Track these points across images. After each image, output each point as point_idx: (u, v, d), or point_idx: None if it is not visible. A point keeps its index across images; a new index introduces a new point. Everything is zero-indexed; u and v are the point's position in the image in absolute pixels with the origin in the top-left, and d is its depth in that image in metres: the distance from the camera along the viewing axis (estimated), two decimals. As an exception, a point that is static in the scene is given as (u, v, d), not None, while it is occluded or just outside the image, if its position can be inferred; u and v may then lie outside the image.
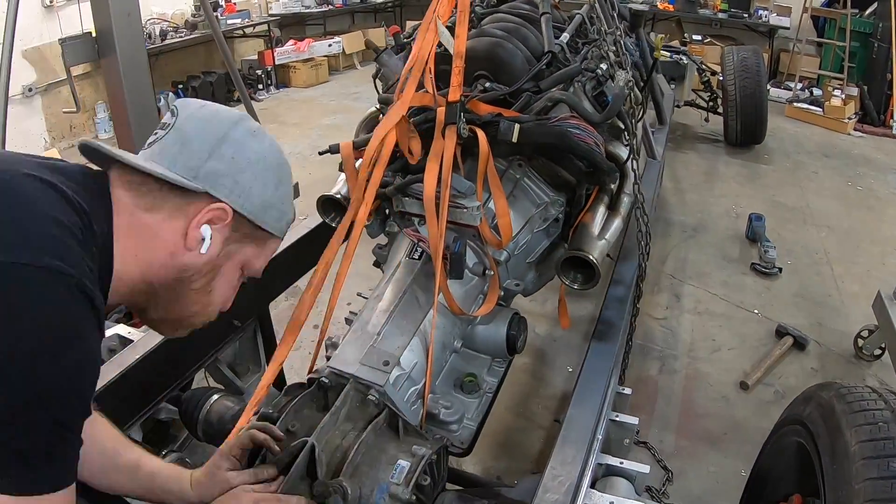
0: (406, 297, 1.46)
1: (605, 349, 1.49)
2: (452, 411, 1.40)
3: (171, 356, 1.52)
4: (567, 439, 1.21)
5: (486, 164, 1.48)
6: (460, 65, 1.49)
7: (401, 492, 1.09)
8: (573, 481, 1.10)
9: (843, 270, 3.58)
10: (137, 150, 0.90)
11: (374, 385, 1.27)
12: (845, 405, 1.10)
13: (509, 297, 1.76)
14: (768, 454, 1.46)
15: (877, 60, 6.24)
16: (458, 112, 1.45)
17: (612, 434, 1.38)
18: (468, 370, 1.54)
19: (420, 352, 1.39)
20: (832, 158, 5.25)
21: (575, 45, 1.89)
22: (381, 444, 1.19)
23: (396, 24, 9.93)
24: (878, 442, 0.99)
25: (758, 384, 2.65)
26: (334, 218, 1.82)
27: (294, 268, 1.96)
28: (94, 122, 5.97)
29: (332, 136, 5.97)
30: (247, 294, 1.70)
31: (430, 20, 1.54)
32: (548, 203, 1.69)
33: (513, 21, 1.93)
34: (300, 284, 3.32)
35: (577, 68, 1.68)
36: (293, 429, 1.18)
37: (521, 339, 1.56)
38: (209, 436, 1.34)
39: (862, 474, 0.95)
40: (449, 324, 1.49)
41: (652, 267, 3.48)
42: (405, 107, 1.45)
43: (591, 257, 1.52)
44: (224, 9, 6.92)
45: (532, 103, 1.62)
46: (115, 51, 2.51)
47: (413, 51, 1.54)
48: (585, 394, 1.34)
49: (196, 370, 1.65)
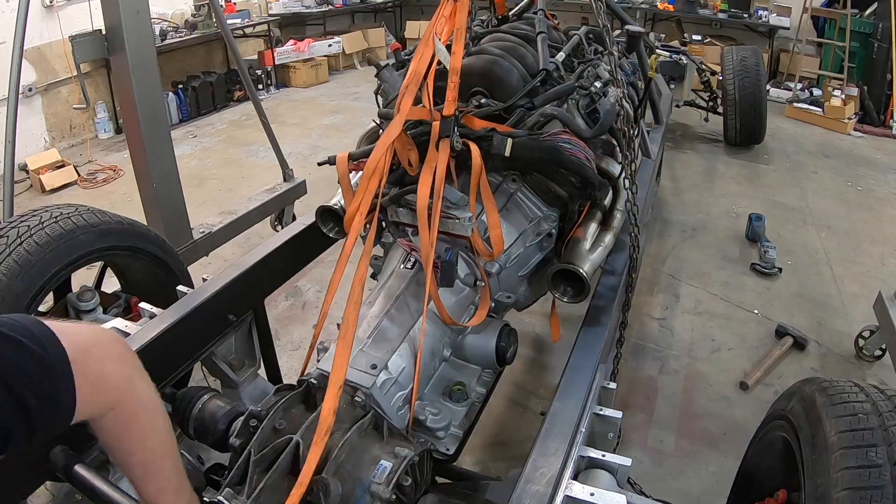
0: (397, 305, 1.49)
1: (592, 343, 1.50)
2: (439, 418, 1.42)
3: (167, 349, 1.55)
4: (550, 432, 1.22)
5: (478, 177, 1.51)
6: (456, 80, 1.53)
7: (381, 490, 1.11)
8: (555, 473, 1.12)
9: (843, 270, 3.58)
10: (146, 146, 0.91)
11: (361, 387, 1.29)
12: (826, 398, 1.12)
13: (501, 309, 1.79)
14: (755, 450, 1.47)
15: (877, 60, 6.24)
16: (452, 126, 1.50)
17: (597, 428, 1.39)
18: (457, 379, 1.56)
19: (409, 357, 1.42)
20: (832, 158, 5.25)
21: (571, 64, 1.93)
22: (365, 444, 1.21)
23: (396, 25, 9.93)
24: (857, 432, 1.00)
25: (758, 384, 2.65)
26: (332, 228, 1.88)
27: (289, 265, 2.01)
28: (94, 121, 5.97)
29: (332, 135, 5.99)
30: (243, 289, 1.77)
31: (429, 38, 1.59)
32: (540, 218, 1.73)
33: (510, 40, 1.98)
34: (300, 285, 3.36)
35: (571, 86, 1.71)
36: (280, 427, 1.21)
37: (510, 351, 1.58)
38: (200, 434, 1.36)
39: (840, 464, 0.97)
40: (439, 332, 1.52)
41: (651, 267, 3.49)
42: (402, 122, 1.50)
43: (581, 271, 1.56)
44: (224, 9, 6.92)
45: (526, 119, 1.66)
46: (124, 48, 2.55)
47: (411, 67, 1.58)
48: (570, 387, 1.35)
49: (192, 363, 1.68)
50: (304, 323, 3.09)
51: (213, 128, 6.29)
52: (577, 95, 1.73)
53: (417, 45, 1.67)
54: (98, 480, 1.24)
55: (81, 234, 1.75)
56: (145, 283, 2.07)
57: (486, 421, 2.22)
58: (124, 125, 2.87)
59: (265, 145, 5.85)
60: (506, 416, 2.47)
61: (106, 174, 5.06)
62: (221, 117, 6.63)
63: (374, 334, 1.42)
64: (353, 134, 5.95)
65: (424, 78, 1.54)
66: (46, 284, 1.69)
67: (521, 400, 2.56)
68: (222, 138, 6.01)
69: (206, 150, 5.68)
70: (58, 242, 1.70)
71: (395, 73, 2.01)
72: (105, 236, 1.81)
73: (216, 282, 1.73)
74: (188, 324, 1.60)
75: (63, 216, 1.76)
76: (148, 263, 1.98)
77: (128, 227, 1.90)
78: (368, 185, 1.48)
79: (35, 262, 1.65)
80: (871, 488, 0.92)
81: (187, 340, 1.62)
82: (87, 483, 1.24)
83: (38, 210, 1.80)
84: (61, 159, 5.01)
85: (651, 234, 3.77)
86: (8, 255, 1.64)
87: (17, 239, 1.68)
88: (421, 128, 1.60)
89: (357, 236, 1.47)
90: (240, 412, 1.31)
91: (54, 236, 1.70)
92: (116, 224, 1.87)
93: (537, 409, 2.50)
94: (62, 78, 5.48)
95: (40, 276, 1.66)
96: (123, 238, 1.87)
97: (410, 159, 1.56)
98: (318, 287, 3.38)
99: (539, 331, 2.94)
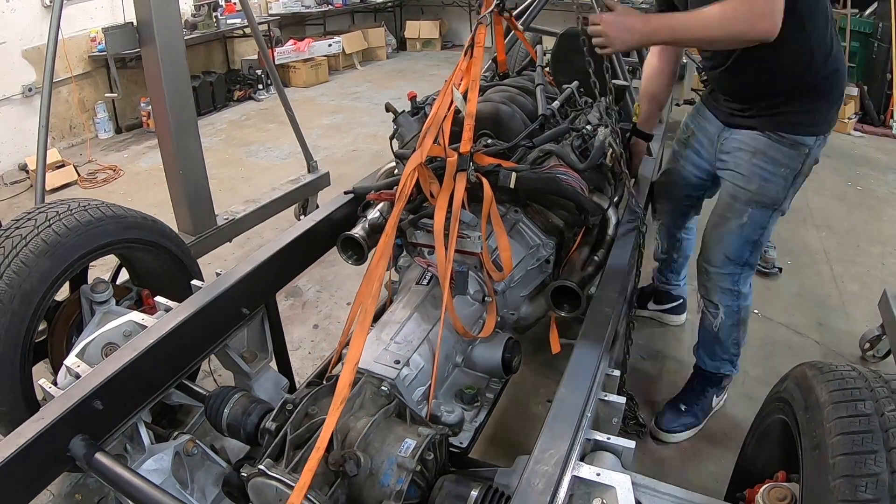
0: (416, 313, 1.69)
1: (597, 332, 1.55)
2: (454, 416, 1.56)
3: (182, 342, 1.60)
4: (557, 416, 1.26)
5: (489, 205, 1.74)
6: (471, 123, 1.78)
7: (407, 462, 1.24)
8: (562, 454, 1.16)
9: (843, 270, 3.59)
10: (174, 134, 0.91)
11: (386, 378, 1.45)
12: (816, 370, 1.21)
13: (506, 325, 1.97)
14: (754, 437, 1.51)
15: (877, 60, 6.24)
16: (468, 161, 1.75)
17: (601, 413, 1.45)
18: (467, 383, 1.72)
19: (427, 357, 1.58)
20: (832, 158, 5.25)
21: (564, 112, 2.19)
22: (391, 426, 1.35)
23: (396, 25, 9.94)
24: (847, 390, 1.09)
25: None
26: (352, 256, 2.10)
27: (300, 260, 2.09)
28: (93, 122, 5.98)
29: (332, 136, 6.00)
30: (256, 284, 1.83)
31: (447, 88, 1.87)
32: (539, 245, 1.97)
33: (511, 91, 2.24)
34: (300, 285, 3.37)
35: (565, 127, 1.99)
36: (313, 412, 1.35)
37: (515, 361, 1.76)
38: (233, 429, 1.45)
39: (832, 415, 1.06)
40: (453, 339, 1.70)
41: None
42: (424, 154, 1.75)
43: (576, 286, 1.74)
44: (224, 9, 6.93)
45: (527, 156, 1.92)
46: (154, 40, 2.68)
47: (432, 111, 1.87)
48: (576, 374, 1.39)
49: (206, 356, 1.72)
50: (304, 323, 3.10)
51: (214, 127, 6.30)
52: (571, 136, 1.97)
53: (437, 94, 1.96)
54: (119, 468, 1.29)
55: (108, 224, 1.85)
56: (157, 277, 2.14)
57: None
58: (154, 114, 3.03)
59: (265, 145, 5.90)
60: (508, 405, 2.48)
61: (106, 174, 5.07)
62: (221, 117, 6.63)
63: (397, 336, 1.60)
64: (352, 134, 5.96)
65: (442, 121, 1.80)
66: (70, 268, 1.76)
67: (524, 394, 2.56)
68: (222, 138, 6.01)
69: (206, 149, 5.60)
70: (86, 228, 1.79)
71: (410, 119, 2.22)
72: (129, 229, 1.91)
73: (230, 276, 1.77)
74: (203, 316, 1.64)
75: (91, 206, 1.87)
76: (164, 259, 2.07)
77: (150, 223, 2.00)
78: (393, 213, 1.69)
79: (63, 243, 1.73)
80: (862, 432, 1.00)
81: (203, 333, 1.67)
82: (109, 471, 1.29)
83: (66, 200, 1.91)
84: (61, 159, 5.01)
85: (651, 234, 3.76)
86: (37, 235, 1.73)
87: (46, 221, 1.77)
88: (436, 163, 1.82)
89: (387, 256, 1.61)
90: (270, 407, 1.43)
91: (83, 222, 1.79)
92: (140, 219, 1.97)
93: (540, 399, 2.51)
94: (62, 78, 5.48)
95: (65, 258, 1.74)
96: (146, 233, 1.97)
97: (432, 191, 1.78)
98: (317, 287, 3.39)
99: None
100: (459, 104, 1.81)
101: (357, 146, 5.60)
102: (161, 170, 3.05)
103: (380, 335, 1.60)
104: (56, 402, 1.34)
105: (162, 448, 1.51)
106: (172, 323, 1.57)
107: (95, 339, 1.65)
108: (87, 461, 1.31)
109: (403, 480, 1.23)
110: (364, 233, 2.07)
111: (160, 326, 1.57)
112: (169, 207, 3.07)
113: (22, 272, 1.65)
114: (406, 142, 2.17)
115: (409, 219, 1.84)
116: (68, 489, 2.08)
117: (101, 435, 1.39)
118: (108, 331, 1.67)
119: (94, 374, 1.41)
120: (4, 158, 5.13)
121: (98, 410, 1.37)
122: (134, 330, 1.67)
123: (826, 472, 0.98)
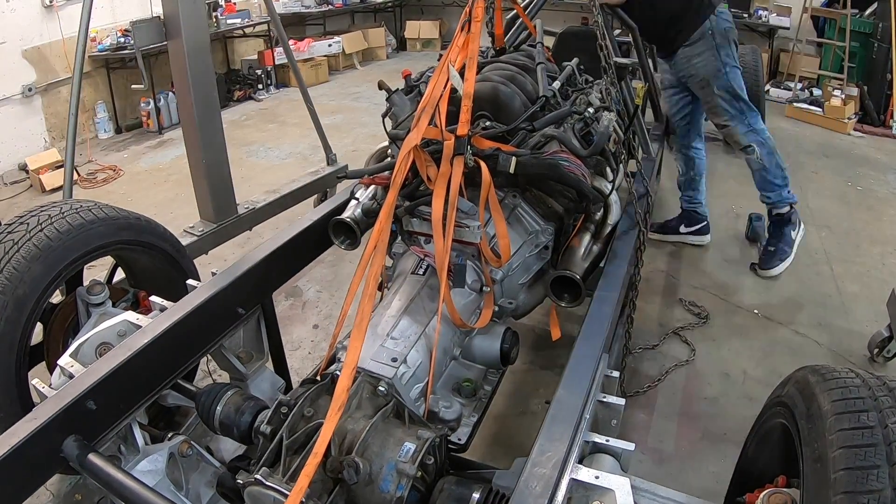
0: (412, 306, 1.62)
1: (596, 334, 1.54)
2: (452, 411, 1.51)
3: (177, 342, 1.59)
4: (555, 418, 1.25)
5: (487, 191, 1.66)
6: (468, 104, 1.68)
7: (408, 468, 1.21)
8: (561, 457, 1.15)
9: (843, 270, 3.57)
10: (199, 125, 0.90)
11: (384, 377, 1.40)
12: (818, 376, 1.18)
13: (503, 314, 1.92)
14: (754, 440, 1.50)
15: (877, 60, 6.23)
16: (465, 144, 1.66)
17: (601, 415, 1.44)
18: (466, 376, 1.68)
19: (424, 353, 1.54)
20: (832, 158, 5.24)
21: (565, 92, 2.12)
22: (389, 428, 1.31)
23: (396, 25, 9.93)
24: (850, 400, 1.07)
25: (758, 384, 2.64)
26: (344, 240, 2.04)
27: (296, 259, 2.08)
28: (94, 122, 5.97)
29: (332, 135, 5.97)
30: (252, 283, 1.81)
31: (443, 66, 1.74)
32: (539, 231, 1.90)
33: (510, 69, 2.15)
34: (300, 285, 3.36)
35: (567, 110, 1.89)
36: (308, 414, 1.31)
37: (513, 352, 1.73)
38: (225, 428, 1.43)
39: (834, 427, 1.03)
40: (450, 332, 1.65)
41: (652, 266, 3.49)
42: (419, 136, 1.64)
43: (578, 277, 1.71)
44: (224, 9, 6.92)
45: (527, 140, 1.83)
46: (180, 33, 2.76)
47: (427, 91, 1.75)
48: (575, 375, 1.38)
49: (202, 355, 1.71)
50: (304, 322, 3.09)
51: (213, 128, 6.28)
52: (573, 119, 1.89)
53: (431, 71, 1.83)
54: (112, 469, 1.28)
55: (100, 226, 1.82)
56: (154, 278, 2.13)
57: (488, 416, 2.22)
58: (179, 105, 3.17)
59: (265, 145, 5.88)
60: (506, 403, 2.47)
61: (106, 174, 5.06)
62: (221, 117, 6.62)
63: (393, 331, 1.55)
64: (353, 134, 5.95)
65: (438, 101, 1.69)
66: (63, 272, 1.74)
67: (523, 396, 2.56)
68: (222, 138, 6.00)
69: (206, 150, 5.67)
70: (78, 231, 1.76)
71: (404, 98, 2.12)
72: (122, 230, 1.89)
73: (226, 276, 1.77)
74: (198, 316, 1.64)
75: (84, 208, 1.84)
76: (160, 259, 2.05)
77: (144, 224, 1.98)
78: (388, 199, 1.60)
79: (55, 247, 1.71)
80: (864, 446, 0.98)
81: (198, 333, 1.66)
82: (102, 472, 1.28)
83: (59, 202, 1.88)
84: (61, 159, 5.01)
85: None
86: (29, 240, 1.70)
87: (38, 225, 1.74)
88: (433, 146, 1.72)
89: (382, 246, 1.55)
90: (263, 405, 1.39)
91: (75, 225, 1.77)
92: (134, 220, 1.95)
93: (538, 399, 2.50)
94: (62, 78, 5.48)
95: (57, 262, 1.72)
96: (139, 233, 1.95)
97: (429, 174, 1.69)
98: (318, 287, 3.38)
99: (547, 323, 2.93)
100: (456, 84, 1.70)
101: (357, 146, 5.59)
102: (161, 170, 3.06)
103: (375, 331, 1.56)
104: (49, 402, 1.33)
105: (156, 449, 1.51)
106: (167, 323, 1.56)
107: (90, 338, 1.65)
108: (80, 462, 1.30)
109: (404, 487, 1.21)
110: (356, 216, 2.00)
111: (154, 326, 1.56)
112: (169, 207, 3.07)
113: (14, 278, 1.63)
114: (400, 121, 2.08)
115: (406, 206, 1.76)
116: (68, 489, 2.08)
117: (94, 435, 1.38)
118: (103, 331, 1.66)
119: (87, 374, 1.41)
120: (4, 158, 5.13)
121: (91, 410, 1.36)
122: (128, 330, 1.66)
123: (827, 487, 0.97)
